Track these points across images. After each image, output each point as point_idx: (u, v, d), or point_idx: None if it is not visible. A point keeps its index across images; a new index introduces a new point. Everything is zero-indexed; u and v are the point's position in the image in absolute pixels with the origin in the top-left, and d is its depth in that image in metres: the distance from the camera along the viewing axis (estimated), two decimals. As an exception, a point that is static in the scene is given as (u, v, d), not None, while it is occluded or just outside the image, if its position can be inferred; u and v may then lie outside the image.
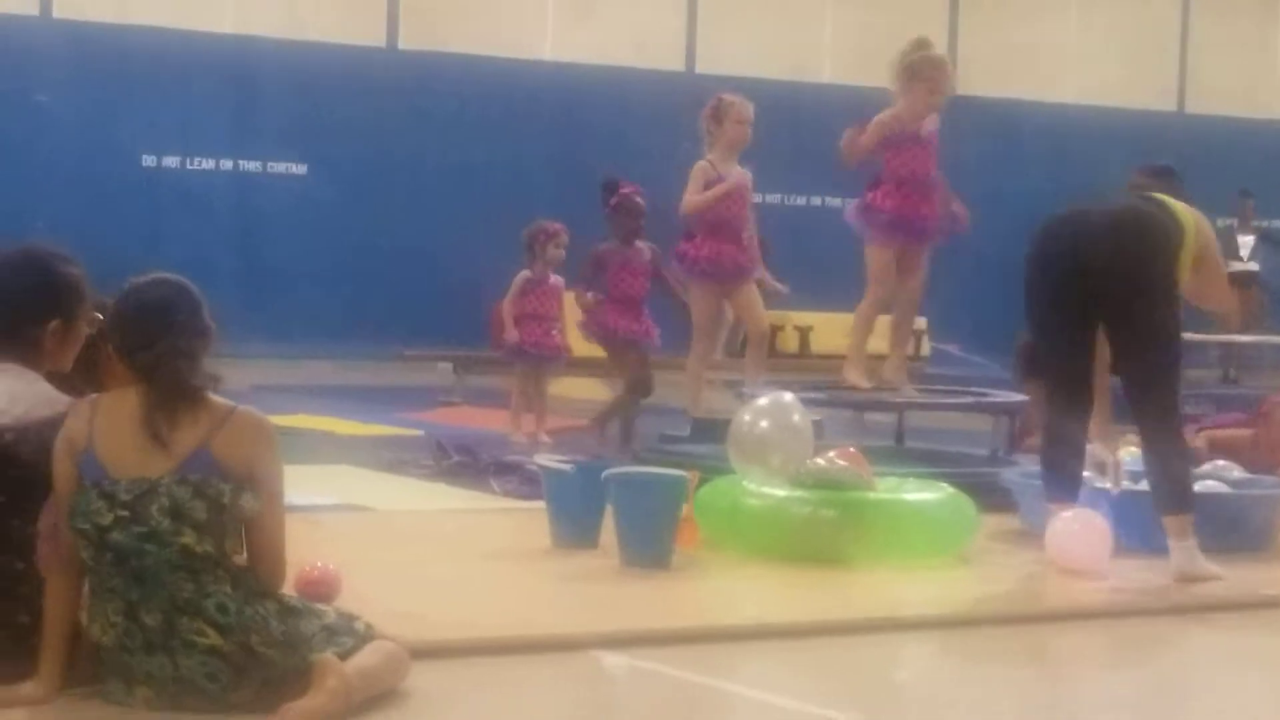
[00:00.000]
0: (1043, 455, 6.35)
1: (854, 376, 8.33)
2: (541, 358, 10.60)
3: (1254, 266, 18.98)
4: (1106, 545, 6.07)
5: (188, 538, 3.73)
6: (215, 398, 3.85)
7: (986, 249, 20.92)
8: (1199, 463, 7.58)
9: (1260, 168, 19.61)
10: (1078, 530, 6.07)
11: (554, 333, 10.63)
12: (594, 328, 10.02)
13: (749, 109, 9.15)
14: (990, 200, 21.83)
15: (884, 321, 8.68)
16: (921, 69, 8.28)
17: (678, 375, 9.54)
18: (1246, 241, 19.22)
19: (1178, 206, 6.18)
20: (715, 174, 9.09)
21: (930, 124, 8.38)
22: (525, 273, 10.58)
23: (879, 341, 8.71)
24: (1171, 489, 5.95)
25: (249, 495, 3.78)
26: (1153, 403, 5.99)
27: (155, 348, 3.77)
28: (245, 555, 3.85)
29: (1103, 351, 6.22)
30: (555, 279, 10.62)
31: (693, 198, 9.11)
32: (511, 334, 10.53)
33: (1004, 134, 21.10)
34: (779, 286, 10.00)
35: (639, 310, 9.99)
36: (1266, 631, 5.52)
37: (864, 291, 8.46)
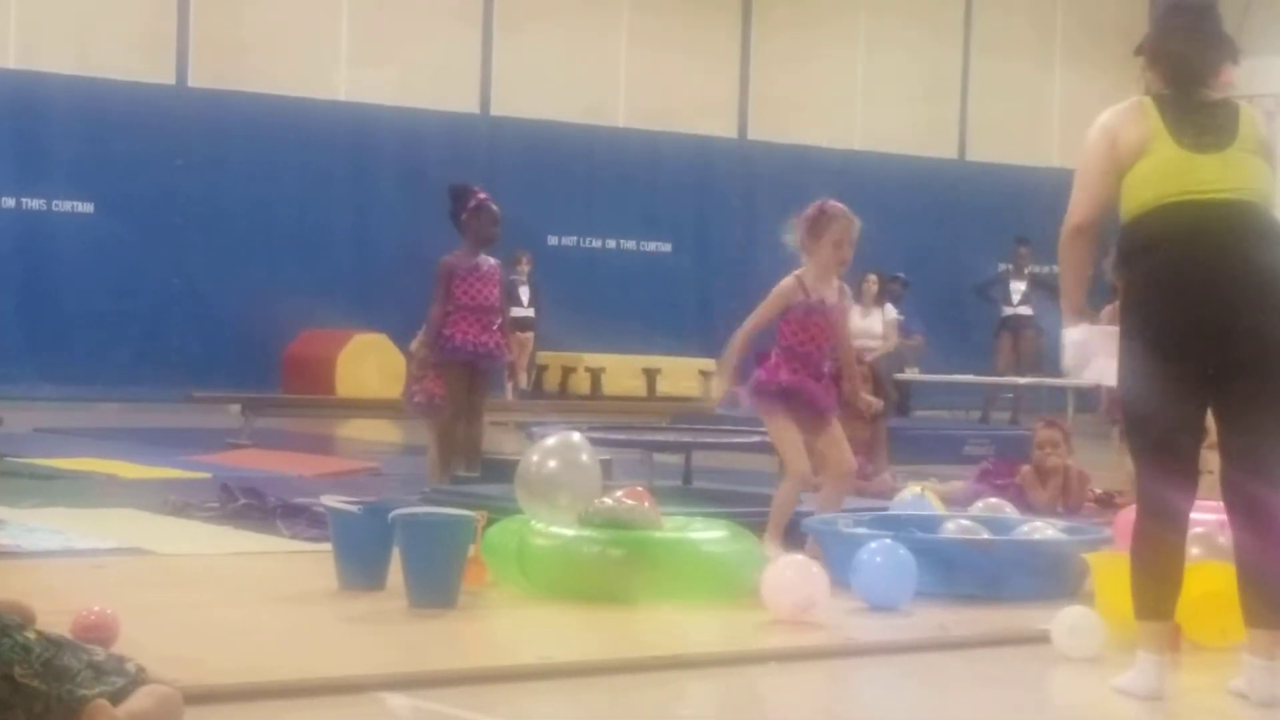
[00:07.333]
0: (1137, 560, 4.79)
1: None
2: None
3: (1027, 311, 19.67)
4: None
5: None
6: None
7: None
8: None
9: (1035, 215, 20.16)
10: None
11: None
12: (437, 347, 9.16)
13: (855, 228, 7.27)
14: (778, 245, 22.28)
15: None
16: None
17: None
18: (1019, 287, 19.92)
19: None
20: (803, 296, 7.25)
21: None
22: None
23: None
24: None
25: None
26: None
27: None
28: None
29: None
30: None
31: (753, 317, 7.34)
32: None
33: (793, 179, 21.46)
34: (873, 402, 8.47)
35: (489, 321, 9.22)
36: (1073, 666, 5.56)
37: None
